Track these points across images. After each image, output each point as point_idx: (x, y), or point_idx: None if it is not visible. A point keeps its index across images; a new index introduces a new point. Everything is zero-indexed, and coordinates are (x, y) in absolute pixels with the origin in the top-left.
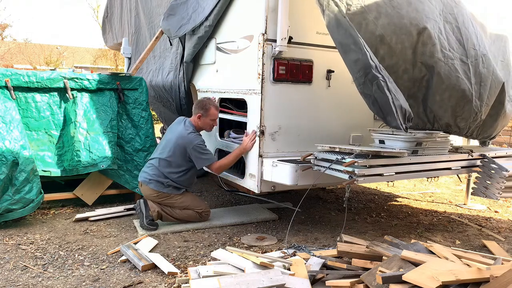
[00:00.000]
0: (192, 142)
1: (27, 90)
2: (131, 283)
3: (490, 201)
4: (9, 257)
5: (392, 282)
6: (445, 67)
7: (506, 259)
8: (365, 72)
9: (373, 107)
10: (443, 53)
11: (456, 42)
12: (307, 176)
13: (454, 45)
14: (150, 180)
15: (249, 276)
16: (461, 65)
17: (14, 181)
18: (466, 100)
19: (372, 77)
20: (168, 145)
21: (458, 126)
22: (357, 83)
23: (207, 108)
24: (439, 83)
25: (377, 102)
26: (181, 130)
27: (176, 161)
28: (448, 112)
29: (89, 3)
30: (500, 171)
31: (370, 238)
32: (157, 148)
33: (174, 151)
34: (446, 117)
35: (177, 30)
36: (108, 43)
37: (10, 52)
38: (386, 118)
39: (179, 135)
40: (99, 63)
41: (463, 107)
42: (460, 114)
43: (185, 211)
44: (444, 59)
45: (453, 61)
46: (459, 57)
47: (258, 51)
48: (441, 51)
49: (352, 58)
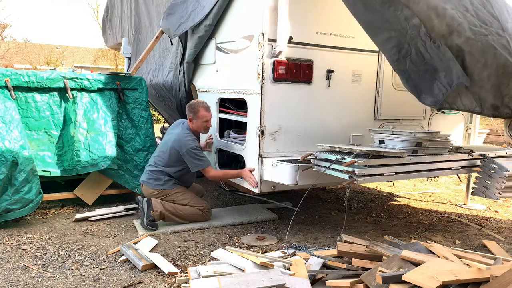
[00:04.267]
0: (186, 146)
1: (27, 90)
2: (131, 283)
3: (490, 201)
4: (9, 257)
5: (392, 282)
6: (477, 44)
7: (506, 259)
8: (399, 48)
9: (407, 84)
10: (472, 30)
11: (489, 15)
12: (307, 176)
13: (487, 20)
14: (149, 180)
15: (249, 276)
16: (498, 39)
17: (13, 181)
18: (510, 76)
19: (406, 52)
20: (165, 146)
21: (508, 106)
22: (391, 60)
23: (196, 110)
24: (473, 62)
25: (412, 78)
26: (177, 133)
27: (171, 162)
28: (491, 93)
29: (89, 3)
30: (500, 171)
31: (370, 238)
32: (157, 148)
33: (169, 153)
34: (491, 98)
35: (176, 29)
36: (108, 43)
37: (10, 52)
38: (421, 96)
39: (175, 137)
40: (99, 63)
41: (508, 84)
42: (506, 92)
43: (187, 208)
44: (475, 36)
45: (487, 36)
46: (494, 31)
47: (258, 51)
48: (470, 29)
49: (385, 37)
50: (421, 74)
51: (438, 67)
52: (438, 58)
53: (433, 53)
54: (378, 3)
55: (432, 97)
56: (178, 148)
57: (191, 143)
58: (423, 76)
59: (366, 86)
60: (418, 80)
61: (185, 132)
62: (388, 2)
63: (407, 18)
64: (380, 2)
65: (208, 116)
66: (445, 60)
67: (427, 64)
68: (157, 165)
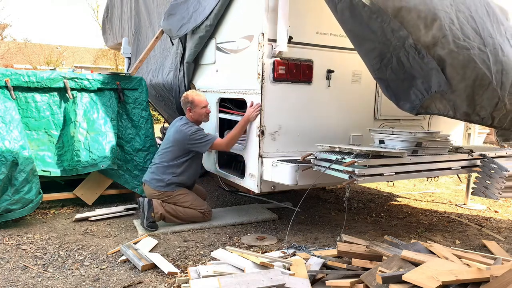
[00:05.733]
0: (188, 133)
1: (27, 90)
2: (131, 283)
3: (490, 201)
4: (9, 257)
5: (392, 282)
6: (458, 57)
7: (506, 259)
8: (381, 58)
9: (386, 92)
10: (456, 43)
11: (472, 31)
12: (307, 176)
13: (470, 34)
14: (151, 180)
15: (249, 276)
16: (480, 54)
17: (13, 181)
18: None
19: (387, 62)
20: (167, 142)
21: (478, 114)
22: (372, 69)
23: (191, 99)
24: (453, 74)
25: (390, 87)
26: (177, 125)
27: (175, 155)
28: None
29: (89, 3)
30: (500, 171)
31: (370, 238)
32: (159, 147)
33: (173, 146)
34: (464, 106)
35: (178, 30)
36: (108, 43)
37: (10, 52)
38: (399, 102)
39: (175, 130)
40: (99, 63)
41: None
42: (479, 102)
43: (188, 210)
44: (457, 49)
45: (469, 51)
46: (476, 46)
47: (258, 51)
48: (454, 41)
49: (369, 47)
50: (399, 82)
51: (416, 75)
52: (418, 68)
53: (414, 63)
54: (366, 14)
55: (409, 103)
56: (181, 139)
57: (191, 128)
58: (401, 84)
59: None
60: (397, 88)
61: (183, 123)
62: (376, 13)
63: (394, 30)
64: (368, 13)
65: (204, 101)
66: (426, 69)
67: (406, 73)
68: (162, 162)
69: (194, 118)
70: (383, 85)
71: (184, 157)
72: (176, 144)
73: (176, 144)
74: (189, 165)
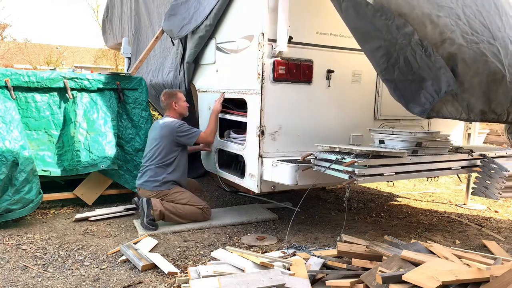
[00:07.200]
0: (175, 126)
1: (27, 90)
2: (131, 283)
3: (490, 201)
4: (9, 257)
5: (392, 282)
6: (469, 52)
7: (506, 259)
8: (388, 57)
9: (394, 93)
10: (465, 38)
11: (480, 25)
12: (307, 176)
13: (478, 29)
14: (146, 183)
15: (249, 276)
16: (489, 47)
17: (13, 181)
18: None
19: (395, 61)
20: (153, 142)
21: (494, 112)
22: (379, 69)
23: (174, 93)
24: (465, 70)
25: (398, 88)
26: (161, 123)
27: (164, 154)
28: (481, 99)
29: (89, 3)
30: (500, 171)
31: (370, 238)
32: (145, 151)
33: (160, 142)
34: (480, 104)
35: (179, 30)
36: (108, 43)
37: (10, 52)
38: (408, 105)
39: (160, 127)
40: (99, 63)
41: (497, 91)
42: (494, 98)
43: (186, 207)
44: (467, 44)
45: (478, 44)
46: (485, 40)
47: (258, 51)
48: (462, 36)
49: (374, 45)
50: (407, 83)
51: (426, 77)
52: (426, 67)
53: (422, 62)
54: (370, 12)
55: (419, 106)
56: (168, 133)
57: (177, 122)
58: (409, 86)
59: (366, 86)
60: (405, 89)
61: (167, 120)
62: (380, 10)
63: (399, 27)
64: (372, 11)
65: (183, 96)
66: (435, 69)
67: (415, 74)
68: (152, 164)
69: (179, 112)
70: (391, 86)
71: (173, 154)
72: (164, 140)
73: (163, 140)
74: (179, 160)
